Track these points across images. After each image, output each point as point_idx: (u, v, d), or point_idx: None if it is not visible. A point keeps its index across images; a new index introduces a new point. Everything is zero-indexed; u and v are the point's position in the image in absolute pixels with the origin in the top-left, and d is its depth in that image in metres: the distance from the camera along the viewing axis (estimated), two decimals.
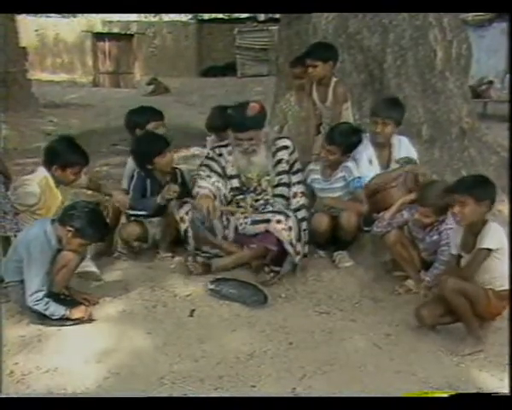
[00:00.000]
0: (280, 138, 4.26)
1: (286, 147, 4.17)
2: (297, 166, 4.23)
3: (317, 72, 4.57)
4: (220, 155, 4.21)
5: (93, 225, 3.39)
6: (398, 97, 4.61)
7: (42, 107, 12.70)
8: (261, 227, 4.01)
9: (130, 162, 4.47)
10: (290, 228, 3.92)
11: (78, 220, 3.35)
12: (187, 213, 4.07)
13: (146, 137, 4.36)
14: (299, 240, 3.99)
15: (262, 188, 4.18)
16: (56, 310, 3.33)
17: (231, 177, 4.19)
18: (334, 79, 4.64)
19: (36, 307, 3.31)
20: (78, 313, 3.37)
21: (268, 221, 3.97)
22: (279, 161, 4.16)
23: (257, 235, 4.05)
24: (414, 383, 2.87)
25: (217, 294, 3.73)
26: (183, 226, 4.09)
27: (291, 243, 3.91)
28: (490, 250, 3.10)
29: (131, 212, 4.27)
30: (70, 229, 3.35)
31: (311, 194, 4.36)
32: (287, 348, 3.19)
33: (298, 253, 3.96)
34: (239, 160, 4.13)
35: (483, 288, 3.16)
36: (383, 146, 4.33)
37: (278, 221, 3.93)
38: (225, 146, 4.24)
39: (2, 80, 11.05)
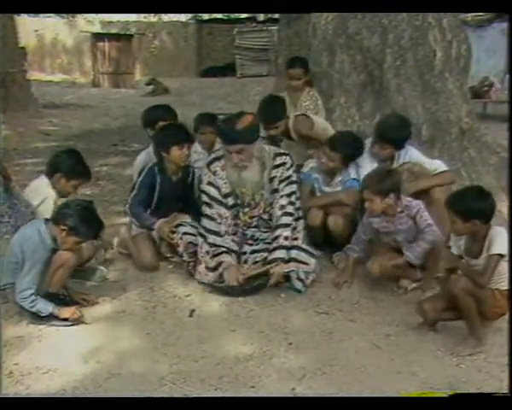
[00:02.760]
0: (280, 155, 4.03)
1: (283, 164, 3.98)
2: (288, 180, 3.97)
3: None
4: (215, 172, 3.97)
5: (86, 223, 3.39)
6: (406, 117, 4.48)
7: (41, 107, 12.67)
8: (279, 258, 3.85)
9: (141, 157, 4.51)
10: (302, 262, 3.87)
11: (72, 219, 3.35)
12: (181, 238, 4.03)
13: (172, 125, 4.36)
14: (311, 271, 3.93)
15: (255, 202, 4.02)
16: (44, 307, 3.32)
17: (226, 195, 3.98)
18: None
19: (23, 305, 3.32)
20: (66, 313, 3.35)
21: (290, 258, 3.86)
22: (272, 179, 3.98)
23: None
24: (414, 384, 2.86)
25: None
26: (178, 250, 4.06)
27: (299, 278, 3.85)
28: (502, 256, 3.09)
29: (128, 211, 4.24)
30: (64, 228, 3.35)
31: (311, 189, 4.38)
32: (286, 349, 3.18)
33: (306, 286, 3.88)
34: (231, 175, 3.95)
35: (490, 289, 3.15)
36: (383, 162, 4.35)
37: (297, 260, 3.85)
38: (219, 159, 4.01)
39: (2, 81, 11.02)
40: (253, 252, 3.98)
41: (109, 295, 3.77)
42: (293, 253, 3.88)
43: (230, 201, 4.00)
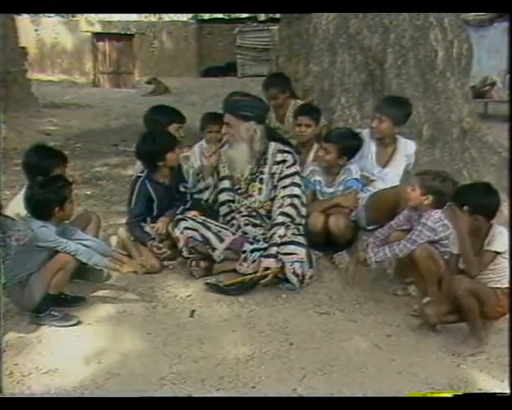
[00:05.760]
0: (282, 151, 4.11)
1: (284, 161, 4.06)
2: (289, 179, 4.04)
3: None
4: (220, 157, 4.25)
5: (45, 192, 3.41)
6: (405, 97, 4.61)
7: (41, 107, 12.66)
8: (271, 254, 3.89)
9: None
10: (301, 260, 3.88)
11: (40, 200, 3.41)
12: (182, 233, 4.03)
13: (157, 134, 4.33)
14: (310, 265, 3.95)
15: (249, 194, 4.14)
16: (100, 261, 3.51)
17: (223, 178, 4.23)
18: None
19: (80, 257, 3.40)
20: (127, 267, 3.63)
21: (278, 253, 3.88)
22: (273, 175, 4.08)
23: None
24: (415, 384, 2.85)
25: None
26: (178, 245, 4.07)
27: (295, 273, 3.85)
28: (497, 253, 3.09)
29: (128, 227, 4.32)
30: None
31: (312, 193, 4.37)
32: (287, 349, 3.18)
33: (302, 281, 3.89)
34: (224, 153, 4.18)
35: (492, 288, 3.15)
36: (384, 145, 4.33)
37: (287, 253, 3.87)
38: (224, 145, 4.26)
39: (2, 80, 11.00)
40: (252, 251, 4.00)
41: (110, 295, 3.77)
42: (280, 248, 3.89)
43: (225, 184, 4.20)
